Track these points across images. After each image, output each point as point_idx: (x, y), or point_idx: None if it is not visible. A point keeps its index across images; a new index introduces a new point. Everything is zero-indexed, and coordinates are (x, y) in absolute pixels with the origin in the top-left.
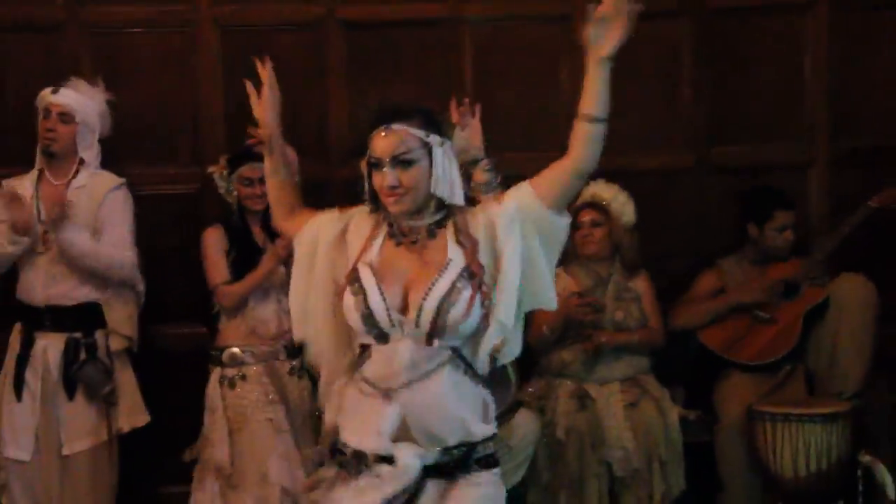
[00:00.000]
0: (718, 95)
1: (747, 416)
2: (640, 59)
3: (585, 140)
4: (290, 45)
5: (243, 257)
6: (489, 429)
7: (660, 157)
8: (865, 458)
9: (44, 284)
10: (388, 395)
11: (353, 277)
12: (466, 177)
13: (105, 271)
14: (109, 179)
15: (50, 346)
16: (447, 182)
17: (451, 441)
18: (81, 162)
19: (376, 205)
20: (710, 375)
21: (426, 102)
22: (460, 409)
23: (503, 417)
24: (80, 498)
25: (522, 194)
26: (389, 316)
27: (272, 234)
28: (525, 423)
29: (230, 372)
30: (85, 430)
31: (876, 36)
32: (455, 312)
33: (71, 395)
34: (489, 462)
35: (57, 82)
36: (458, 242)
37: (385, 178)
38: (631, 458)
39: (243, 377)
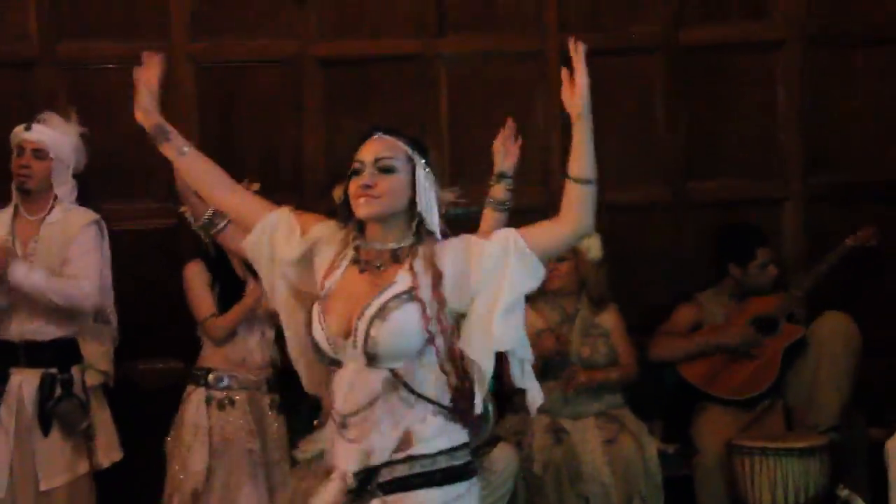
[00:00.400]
0: (693, 131)
1: (726, 450)
2: (615, 95)
3: (580, 203)
4: (266, 80)
5: (227, 290)
6: (387, 453)
7: (636, 191)
8: (843, 492)
9: (18, 320)
10: (343, 425)
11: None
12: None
13: (66, 303)
14: (83, 215)
15: (25, 382)
16: (427, 203)
17: (354, 465)
18: (56, 198)
19: (346, 218)
20: (687, 408)
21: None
22: (378, 431)
23: (481, 450)
24: None
25: (512, 243)
26: (330, 342)
27: (251, 266)
28: (504, 458)
29: (218, 394)
30: (62, 465)
31: (848, 73)
32: (384, 330)
33: (46, 431)
34: (392, 486)
35: (30, 118)
36: (411, 270)
37: (362, 178)
38: (610, 494)
39: (231, 402)
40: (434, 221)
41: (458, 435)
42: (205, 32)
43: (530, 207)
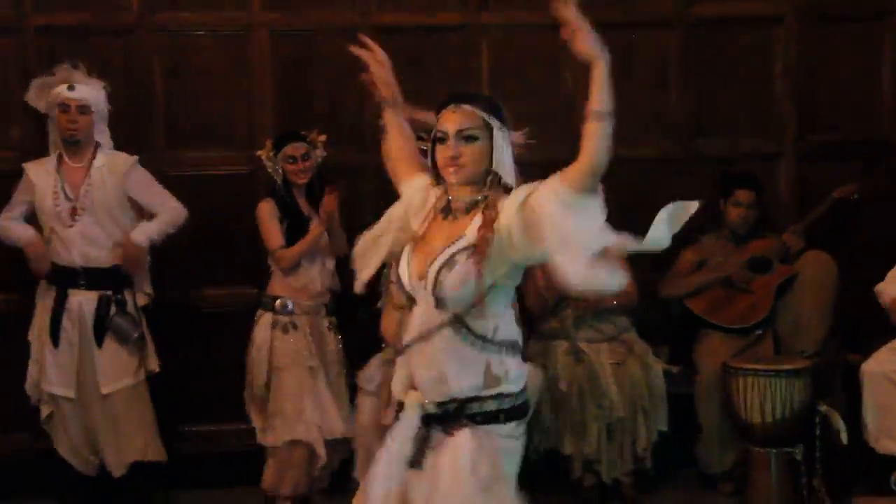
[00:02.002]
0: (702, 95)
1: (723, 371)
2: (634, 63)
3: (593, 137)
4: (331, 47)
5: (294, 225)
6: (475, 389)
7: (651, 147)
8: (823, 408)
9: (80, 249)
10: (401, 351)
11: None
12: None
13: (176, 227)
14: (125, 157)
15: (85, 302)
16: (504, 163)
17: (438, 397)
18: (97, 145)
19: (437, 178)
20: (690, 336)
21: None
22: (450, 369)
23: None
24: (130, 433)
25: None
26: (410, 281)
27: (316, 206)
28: (531, 377)
29: (283, 319)
30: (119, 372)
31: (838, 44)
32: (448, 282)
33: (100, 343)
34: (484, 418)
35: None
36: (482, 217)
37: (448, 150)
38: (617, 407)
39: (294, 326)
40: (511, 178)
41: (524, 372)
42: (279, 4)
43: (557, 161)
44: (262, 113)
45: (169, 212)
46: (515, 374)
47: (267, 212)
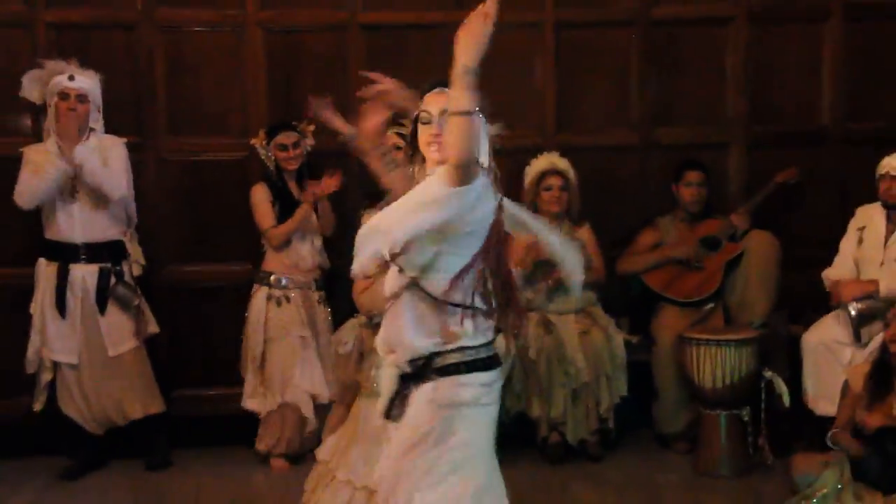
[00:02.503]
0: (659, 88)
1: (678, 341)
2: (599, 58)
3: (452, 132)
4: (320, 43)
5: (285, 207)
6: (435, 345)
7: (613, 136)
8: (767, 374)
9: (81, 226)
10: (381, 314)
11: None
12: None
13: (107, 191)
14: (114, 139)
15: (87, 274)
16: (479, 144)
17: (406, 356)
18: (92, 130)
19: (412, 154)
20: (648, 309)
21: None
22: (408, 327)
23: None
24: (141, 386)
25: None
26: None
27: (304, 188)
28: (502, 345)
29: (277, 293)
30: (123, 336)
31: (783, 44)
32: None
33: (102, 311)
34: (447, 370)
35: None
36: None
37: (431, 129)
38: (582, 373)
39: (287, 299)
40: (483, 157)
41: (490, 331)
42: (272, 3)
43: (528, 148)
44: (255, 103)
45: (110, 178)
46: (475, 331)
47: (260, 195)
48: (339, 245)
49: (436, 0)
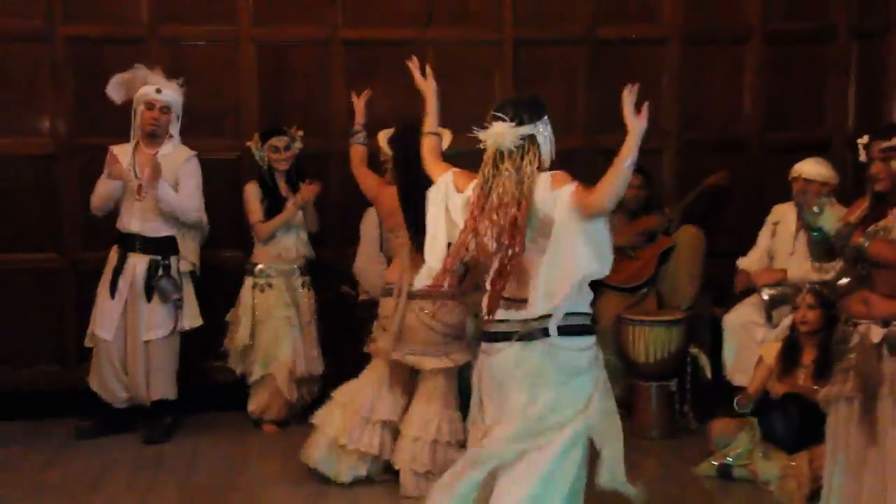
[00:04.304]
0: (603, 99)
1: (616, 321)
2: (551, 73)
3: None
4: (305, 56)
5: (273, 204)
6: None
7: (564, 141)
8: (693, 350)
9: (139, 222)
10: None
11: None
12: None
13: (180, 214)
14: (186, 151)
15: (138, 263)
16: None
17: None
18: (170, 137)
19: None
20: (591, 293)
21: (397, 109)
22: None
23: None
24: (163, 374)
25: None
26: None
27: (293, 188)
28: (472, 324)
29: (260, 281)
30: (157, 324)
31: (710, 62)
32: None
33: (149, 298)
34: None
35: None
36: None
37: None
38: None
39: (270, 286)
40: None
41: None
42: (263, 21)
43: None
44: (247, 109)
45: (185, 204)
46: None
47: (251, 192)
48: (322, 237)
49: (407, 19)
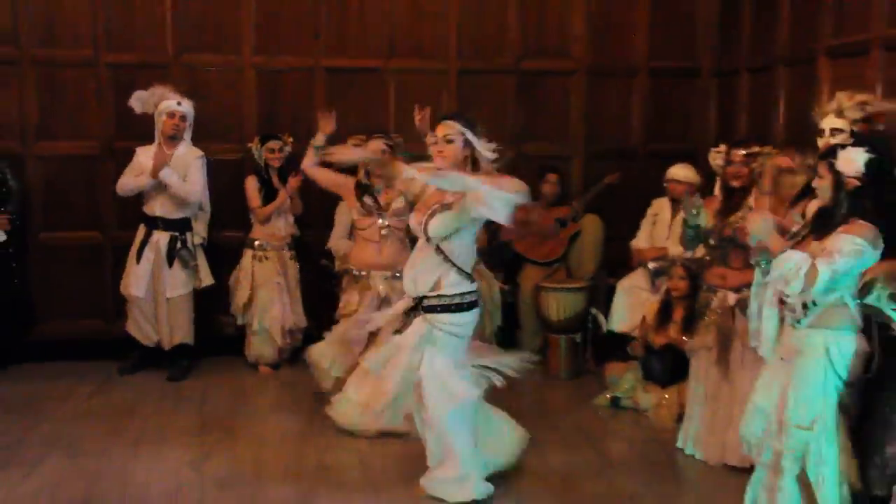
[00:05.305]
0: (527, 116)
1: (535, 289)
2: (486, 96)
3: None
4: (295, 80)
5: (269, 193)
6: (430, 290)
7: (496, 151)
8: (593, 310)
9: (161, 207)
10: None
11: None
12: None
13: (183, 196)
14: (196, 151)
15: (161, 238)
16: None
17: (414, 293)
18: (183, 140)
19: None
20: (516, 265)
21: (367, 122)
22: (419, 274)
23: None
24: (182, 323)
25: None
26: (415, 226)
27: (284, 181)
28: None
29: (259, 253)
30: (180, 284)
31: (609, 89)
32: (432, 224)
33: (170, 264)
34: (429, 310)
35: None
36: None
37: (437, 146)
38: None
39: (266, 258)
40: (485, 159)
41: (467, 286)
42: (262, 52)
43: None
44: (248, 121)
45: (188, 187)
46: (453, 284)
47: (251, 184)
48: (307, 220)
49: (375, 52)
